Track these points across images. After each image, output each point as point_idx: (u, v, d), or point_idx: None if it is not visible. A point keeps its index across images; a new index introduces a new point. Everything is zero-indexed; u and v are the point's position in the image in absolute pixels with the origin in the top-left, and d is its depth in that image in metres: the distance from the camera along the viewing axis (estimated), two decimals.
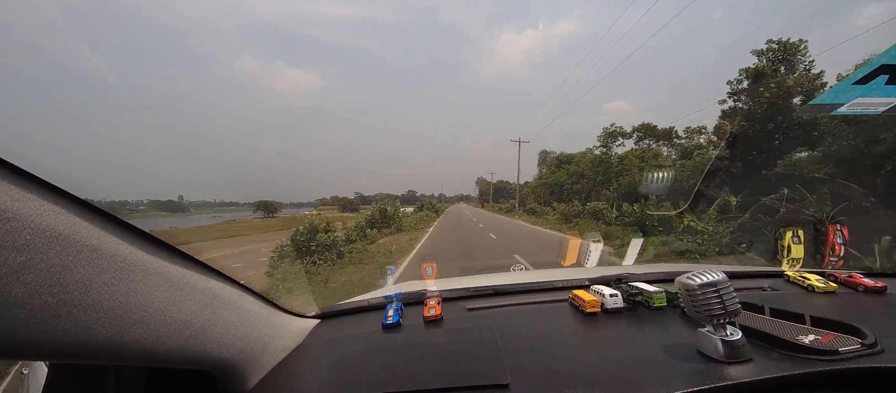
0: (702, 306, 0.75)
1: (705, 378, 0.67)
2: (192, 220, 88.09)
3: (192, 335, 0.63)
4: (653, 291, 1.09)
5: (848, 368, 0.68)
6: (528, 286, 1.40)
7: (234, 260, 13.75)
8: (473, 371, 0.78)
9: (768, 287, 1.31)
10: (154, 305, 0.54)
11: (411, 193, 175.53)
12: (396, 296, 1.26)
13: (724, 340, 0.73)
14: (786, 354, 0.74)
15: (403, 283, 1.67)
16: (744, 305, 0.97)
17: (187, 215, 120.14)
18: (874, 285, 1.17)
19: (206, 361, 0.68)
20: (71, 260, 0.44)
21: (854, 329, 0.78)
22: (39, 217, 0.41)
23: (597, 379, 0.71)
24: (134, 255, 0.53)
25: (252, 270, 10.75)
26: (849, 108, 1.28)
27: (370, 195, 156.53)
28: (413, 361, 0.85)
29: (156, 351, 0.56)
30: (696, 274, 0.77)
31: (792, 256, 1.45)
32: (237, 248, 18.74)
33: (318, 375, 0.83)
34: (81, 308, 0.44)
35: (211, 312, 0.67)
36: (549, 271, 1.80)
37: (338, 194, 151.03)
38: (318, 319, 1.23)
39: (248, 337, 0.79)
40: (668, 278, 1.33)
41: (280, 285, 7.61)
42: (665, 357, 0.78)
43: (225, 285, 0.75)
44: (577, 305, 1.13)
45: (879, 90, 1.20)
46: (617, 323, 1.01)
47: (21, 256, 0.39)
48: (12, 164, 0.42)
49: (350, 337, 1.05)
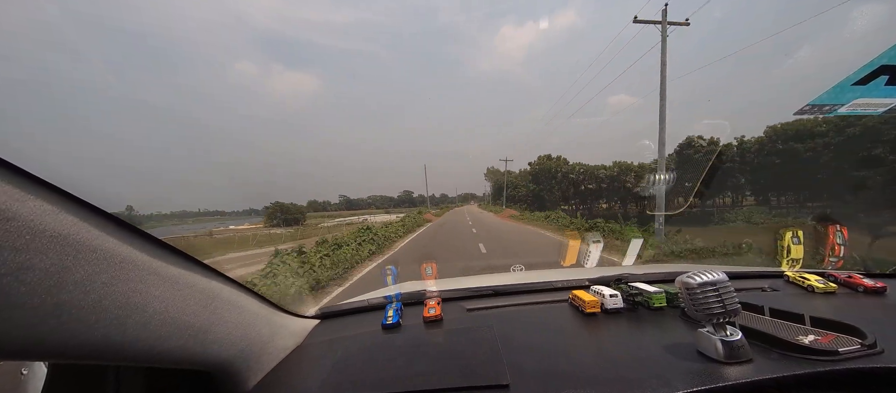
0: (701, 306, 0.75)
1: (705, 378, 0.67)
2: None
3: (192, 335, 0.63)
4: (653, 292, 1.09)
5: (848, 369, 0.68)
6: (527, 286, 1.40)
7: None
8: (473, 371, 0.78)
9: (768, 287, 1.31)
10: (154, 306, 0.54)
11: (407, 195, 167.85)
12: (396, 296, 1.26)
13: (724, 340, 0.73)
14: (786, 354, 0.74)
15: (403, 283, 1.67)
16: (744, 305, 0.96)
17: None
18: (874, 286, 1.17)
19: (206, 362, 0.68)
20: (71, 260, 0.44)
21: (854, 329, 0.78)
22: (39, 217, 0.41)
23: (597, 379, 0.71)
24: (134, 255, 0.53)
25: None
26: (849, 109, 1.29)
27: (359, 198, 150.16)
28: (413, 361, 0.85)
29: (156, 351, 0.56)
30: (695, 273, 0.77)
31: (792, 256, 1.45)
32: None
33: (318, 376, 0.83)
34: (81, 308, 0.44)
35: (211, 313, 0.67)
36: (549, 272, 1.80)
37: (317, 198, 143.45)
38: (318, 320, 1.23)
39: (248, 337, 0.79)
40: (668, 278, 1.33)
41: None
42: (665, 357, 0.78)
43: (225, 285, 0.75)
44: (576, 306, 1.13)
45: (879, 91, 1.21)
46: (617, 323, 1.01)
47: (20, 257, 0.39)
48: (12, 164, 0.42)
49: (350, 337, 1.05)
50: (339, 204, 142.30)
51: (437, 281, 1.39)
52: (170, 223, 71.12)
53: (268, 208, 67.51)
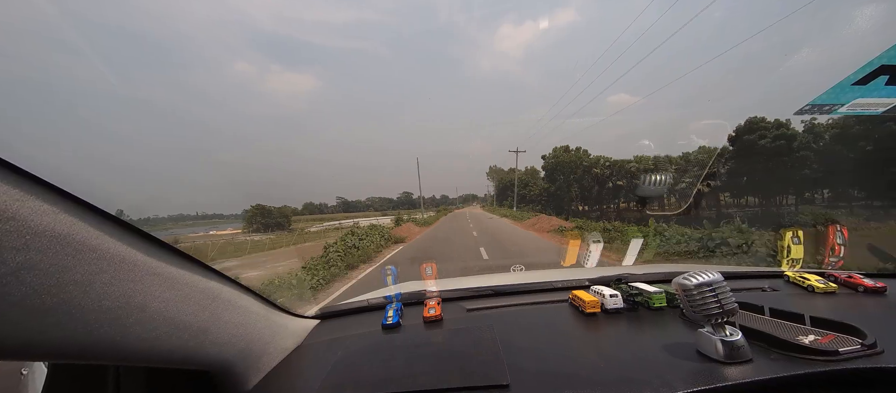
0: (699, 306, 0.75)
1: (705, 378, 0.67)
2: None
3: (192, 336, 0.63)
4: (653, 292, 1.09)
5: (848, 369, 0.68)
6: (527, 287, 1.40)
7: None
8: (473, 371, 0.78)
9: (768, 287, 1.31)
10: (154, 306, 0.54)
11: (406, 196, 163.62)
12: (396, 296, 1.26)
13: (724, 340, 0.73)
14: (786, 354, 0.74)
15: (403, 283, 1.67)
16: (744, 305, 0.96)
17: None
18: (874, 286, 1.17)
19: (205, 362, 0.68)
20: (70, 260, 0.44)
21: (854, 329, 0.78)
22: (39, 217, 0.41)
23: (597, 379, 0.71)
24: (134, 255, 0.53)
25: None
26: (849, 109, 1.29)
27: (357, 200, 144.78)
28: (413, 361, 0.85)
29: (156, 351, 0.56)
30: (691, 274, 0.78)
31: (792, 256, 1.45)
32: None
33: (317, 376, 0.83)
34: (81, 308, 0.44)
35: (211, 313, 0.67)
36: (549, 272, 1.80)
37: (314, 200, 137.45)
38: (318, 320, 1.23)
39: (248, 337, 0.79)
40: (668, 279, 1.33)
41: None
42: (665, 357, 0.78)
43: (225, 286, 0.75)
44: (576, 306, 1.13)
45: (879, 91, 1.21)
46: (617, 323, 1.01)
47: (20, 257, 0.39)
48: (12, 164, 0.42)
49: (350, 337, 1.05)
50: (337, 206, 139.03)
51: (437, 281, 1.39)
52: (162, 228, 64.39)
53: (248, 212, 56.97)
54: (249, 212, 56.05)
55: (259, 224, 53.84)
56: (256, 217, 55.39)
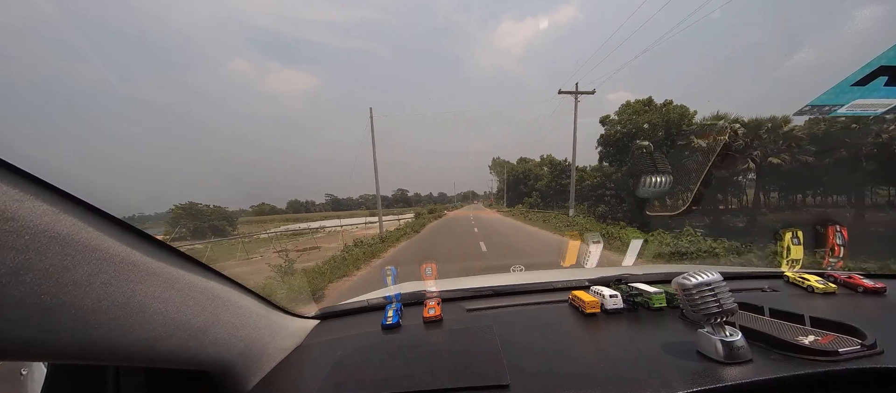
0: (698, 306, 0.75)
1: (705, 379, 0.67)
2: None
3: (192, 336, 0.63)
4: (653, 292, 1.09)
5: (848, 369, 0.68)
6: (527, 287, 1.40)
7: None
8: (473, 372, 0.78)
9: (768, 288, 1.31)
10: (154, 306, 0.54)
11: (401, 193, 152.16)
12: (396, 296, 1.25)
13: (724, 340, 0.73)
14: (785, 354, 0.74)
15: (403, 283, 1.67)
16: (744, 305, 0.96)
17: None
18: (874, 286, 1.17)
19: (205, 362, 0.68)
20: (70, 261, 0.44)
21: (854, 330, 0.78)
22: (39, 217, 0.41)
23: (597, 380, 0.71)
24: (133, 255, 0.53)
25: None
26: (848, 109, 1.29)
27: (348, 198, 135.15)
28: (413, 361, 0.85)
29: (155, 351, 0.56)
30: (691, 274, 0.78)
31: (791, 256, 1.45)
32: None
33: (317, 376, 0.83)
34: (81, 309, 0.44)
35: (210, 313, 0.67)
36: (549, 272, 1.80)
37: (298, 199, 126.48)
38: (318, 320, 1.23)
39: (248, 338, 0.79)
40: (668, 279, 1.33)
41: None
42: (665, 358, 0.78)
43: (224, 286, 0.75)
44: (576, 306, 1.13)
45: (879, 91, 1.21)
46: (617, 324, 1.01)
47: (20, 257, 0.39)
48: (12, 164, 0.42)
49: (350, 338, 1.05)
50: (326, 204, 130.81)
51: (437, 281, 1.39)
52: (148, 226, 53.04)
53: (174, 210, 40.25)
54: (175, 212, 40.71)
55: (186, 228, 39.04)
56: (183, 219, 40.05)
